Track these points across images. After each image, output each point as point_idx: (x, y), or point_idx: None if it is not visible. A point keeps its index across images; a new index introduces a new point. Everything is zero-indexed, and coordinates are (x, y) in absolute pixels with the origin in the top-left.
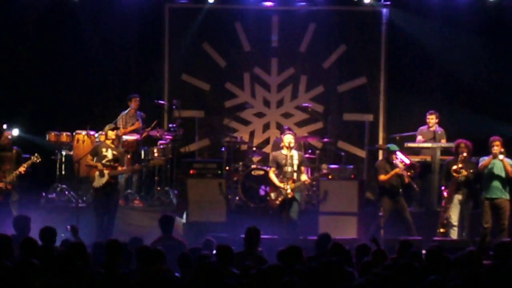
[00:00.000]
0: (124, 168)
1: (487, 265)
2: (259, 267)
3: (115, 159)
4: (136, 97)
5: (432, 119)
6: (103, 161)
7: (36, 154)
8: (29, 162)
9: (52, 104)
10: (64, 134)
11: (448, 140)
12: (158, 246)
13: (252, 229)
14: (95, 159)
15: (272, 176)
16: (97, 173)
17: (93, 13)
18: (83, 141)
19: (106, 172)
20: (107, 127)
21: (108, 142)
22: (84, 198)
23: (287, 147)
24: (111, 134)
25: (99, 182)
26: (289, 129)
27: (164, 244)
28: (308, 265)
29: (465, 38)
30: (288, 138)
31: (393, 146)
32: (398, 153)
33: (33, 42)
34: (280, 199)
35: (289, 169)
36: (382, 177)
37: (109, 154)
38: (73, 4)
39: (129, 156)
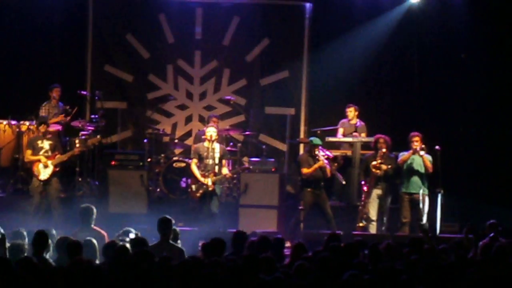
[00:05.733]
0: (68, 153)
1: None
2: (180, 260)
3: (53, 148)
4: (57, 87)
5: (350, 111)
6: (41, 153)
7: None
8: None
9: None
10: None
11: (368, 135)
12: (77, 237)
13: (163, 220)
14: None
15: (194, 168)
16: (40, 165)
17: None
18: (4, 131)
19: (49, 162)
20: (37, 122)
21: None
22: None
23: (208, 140)
24: (42, 127)
25: (45, 174)
26: (215, 116)
27: (84, 235)
28: (228, 258)
29: (387, 33)
30: (210, 131)
31: (316, 140)
32: (319, 147)
33: None
34: (201, 191)
35: (210, 161)
36: (305, 170)
37: (45, 145)
38: None
39: None
